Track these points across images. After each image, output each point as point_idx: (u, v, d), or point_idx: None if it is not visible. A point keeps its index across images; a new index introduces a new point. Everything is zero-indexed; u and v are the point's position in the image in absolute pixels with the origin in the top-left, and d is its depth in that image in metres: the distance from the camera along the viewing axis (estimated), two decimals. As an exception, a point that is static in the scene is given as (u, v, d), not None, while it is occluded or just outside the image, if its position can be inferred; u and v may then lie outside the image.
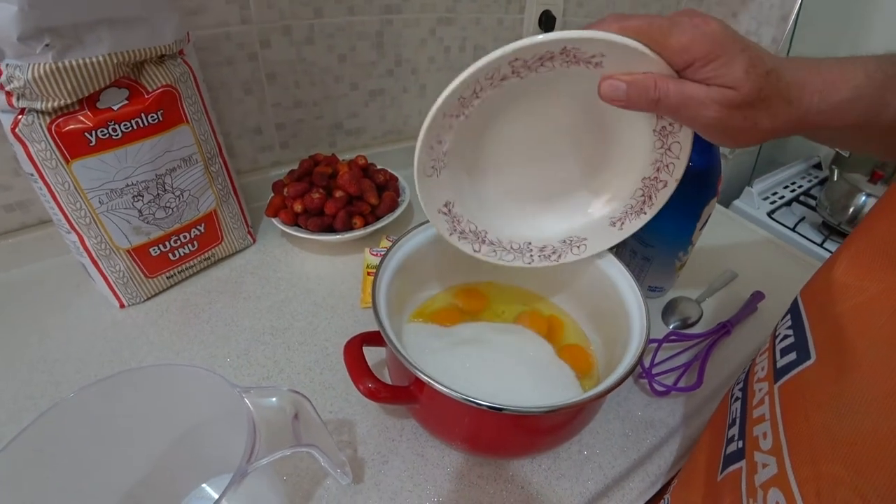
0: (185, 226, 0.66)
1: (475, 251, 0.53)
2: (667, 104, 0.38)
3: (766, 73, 0.36)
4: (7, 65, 0.48)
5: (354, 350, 0.46)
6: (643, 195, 0.50)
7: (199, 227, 0.68)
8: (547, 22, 1.01)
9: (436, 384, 0.40)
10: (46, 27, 0.47)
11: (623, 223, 0.53)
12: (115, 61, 0.52)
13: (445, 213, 0.50)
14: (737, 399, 0.43)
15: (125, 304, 0.66)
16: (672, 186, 0.48)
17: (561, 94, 0.45)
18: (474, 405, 0.39)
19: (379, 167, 0.82)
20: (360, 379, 0.44)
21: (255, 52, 0.77)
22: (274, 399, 0.37)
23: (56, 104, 0.51)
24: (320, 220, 0.71)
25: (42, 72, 0.48)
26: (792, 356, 0.35)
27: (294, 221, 0.74)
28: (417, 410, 0.48)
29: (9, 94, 0.49)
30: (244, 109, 0.81)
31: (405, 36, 0.90)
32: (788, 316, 0.39)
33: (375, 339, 0.48)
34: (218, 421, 0.40)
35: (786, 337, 0.38)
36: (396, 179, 0.82)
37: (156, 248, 0.65)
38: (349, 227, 0.73)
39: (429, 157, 0.44)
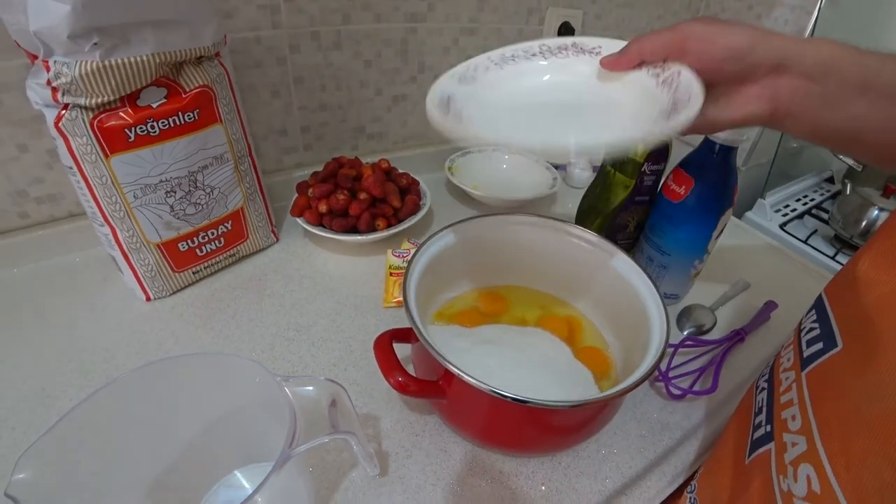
0: (213, 222, 0.68)
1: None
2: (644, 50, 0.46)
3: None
4: (55, 61, 0.50)
5: (385, 345, 0.47)
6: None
7: (226, 224, 0.70)
8: (566, 34, 1.03)
9: (465, 376, 0.41)
10: (96, 26, 0.49)
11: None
12: (158, 61, 0.54)
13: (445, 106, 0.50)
14: (762, 389, 0.46)
15: (151, 297, 0.68)
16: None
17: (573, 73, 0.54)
18: (501, 398, 0.40)
19: (400, 171, 0.83)
20: (391, 372, 0.45)
21: (283, 56, 0.79)
22: (311, 388, 0.38)
23: (99, 101, 0.53)
24: (344, 221, 0.73)
25: (89, 69, 0.50)
26: (819, 346, 0.38)
27: (318, 221, 0.75)
28: (443, 405, 0.49)
29: (55, 89, 0.51)
30: (270, 111, 0.83)
31: (429, 44, 0.92)
32: (813, 311, 0.42)
33: (404, 335, 0.50)
34: (255, 409, 0.41)
35: (811, 329, 0.40)
36: (418, 183, 0.84)
37: (184, 243, 0.66)
38: (372, 229, 0.74)
39: (464, 69, 0.54)
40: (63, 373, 0.58)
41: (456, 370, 0.41)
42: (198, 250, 0.68)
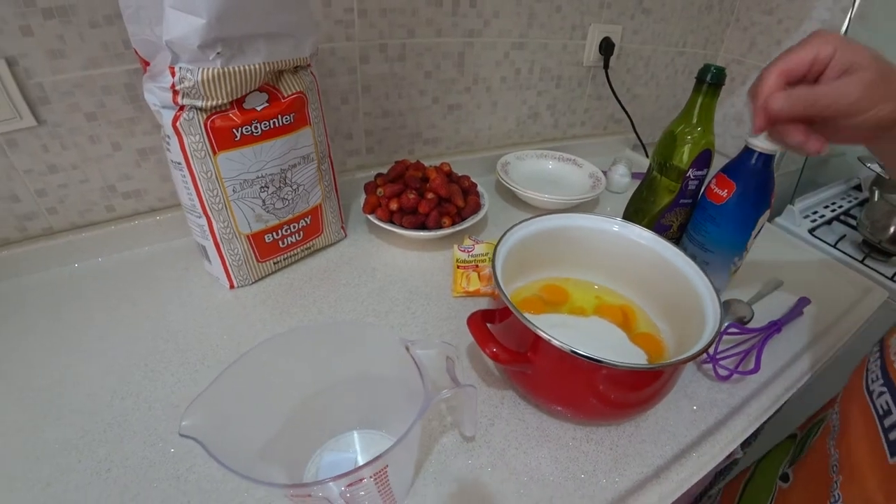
0: (296, 216, 0.74)
1: None
2: (822, 104, 0.47)
3: (875, 57, 0.46)
4: (180, 67, 0.56)
5: (479, 322, 0.53)
6: None
7: (306, 218, 0.76)
8: (607, 48, 1.09)
9: (553, 340, 0.48)
10: (221, 38, 0.55)
11: None
12: (266, 69, 0.61)
13: None
14: (880, 394, 0.50)
15: (235, 285, 0.74)
16: None
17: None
18: (582, 358, 0.47)
19: (460, 174, 0.90)
20: (487, 344, 0.51)
21: (354, 66, 0.86)
22: (431, 350, 0.44)
23: (214, 103, 0.59)
24: (414, 219, 0.79)
25: (210, 75, 0.57)
26: None
27: (389, 218, 0.82)
28: (526, 376, 0.55)
29: (176, 92, 0.57)
30: (339, 116, 0.90)
31: (483, 57, 0.99)
32: None
33: (489, 317, 0.56)
34: (380, 375, 0.47)
35: None
36: (476, 185, 0.90)
37: (270, 235, 0.73)
38: (439, 226, 0.81)
39: (522, 154, 1.12)
40: (161, 351, 0.63)
41: (545, 335, 0.48)
42: (280, 242, 0.75)
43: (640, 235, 0.68)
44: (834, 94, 0.46)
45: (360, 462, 0.51)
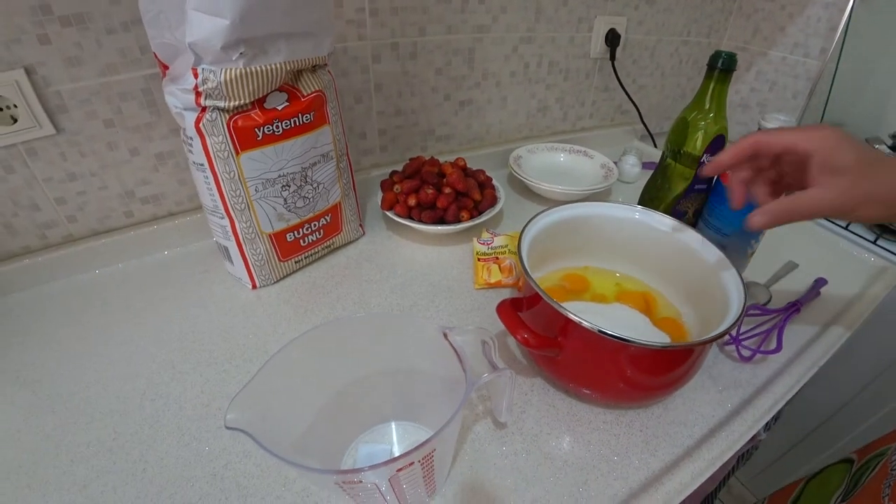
0: (316, 215, 0.75)
1: None
2: (799, 215, 0.50)
3: (860, 158, 0.47)
4: (203, 69, 0.57)
5: (508, 309, 0.54)
6: None
7: (326, 216, 0.77)
8: (613, 39, 1.10)
9: (584, 322, 0.49)
10: (244, 38, 0.56)
11: None
12: (287, 69, 0.61)
13: None
14: None
15: (258, 284, 0.74)
16: None
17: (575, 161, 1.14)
18: (612, 339, 0.48)
19: (475, 169, 0.90)
20: (518, 330, 0.52)
21: (367, 65, 0.87)
22: (467, 336, 0.44)
23: (236, 103, 0.60)
24: (433, 213, 0.80)
25: (233, 75, 0.57)
26: None
27: (407, 214, 0.82)
28: (555, 361, 0.55)
29: (199, 93, 0.58)
30: (353, 116, 0.91)
31: (492, 52, 1.00)
32: None
33: (517, 305, 0.57)
34: (418, 367, 0.47)
35: None
36: (491, 179, 0.91)
37: (292, 234, 0.73)
38: (458, 220, 0.81)
39: (533, 146, 1.11)
40: (187, 351, 0.64)
41: (575, 318, 0.49)
42: (301, 241, 0.75)
43: (661, 222, 0.69)
44: (811, 206, 0.49)
45: (396, 453, 0.52)
